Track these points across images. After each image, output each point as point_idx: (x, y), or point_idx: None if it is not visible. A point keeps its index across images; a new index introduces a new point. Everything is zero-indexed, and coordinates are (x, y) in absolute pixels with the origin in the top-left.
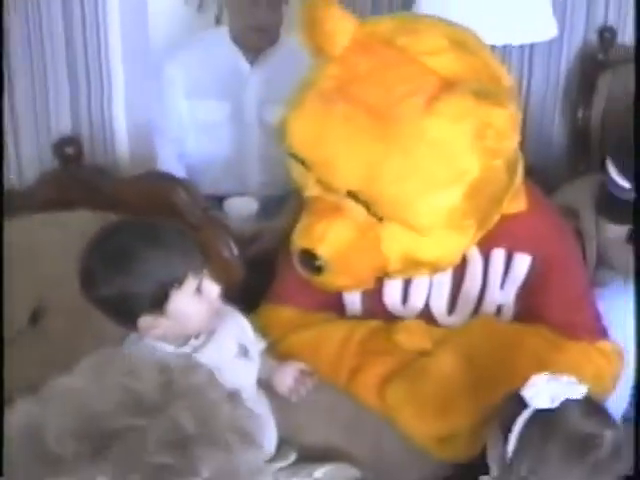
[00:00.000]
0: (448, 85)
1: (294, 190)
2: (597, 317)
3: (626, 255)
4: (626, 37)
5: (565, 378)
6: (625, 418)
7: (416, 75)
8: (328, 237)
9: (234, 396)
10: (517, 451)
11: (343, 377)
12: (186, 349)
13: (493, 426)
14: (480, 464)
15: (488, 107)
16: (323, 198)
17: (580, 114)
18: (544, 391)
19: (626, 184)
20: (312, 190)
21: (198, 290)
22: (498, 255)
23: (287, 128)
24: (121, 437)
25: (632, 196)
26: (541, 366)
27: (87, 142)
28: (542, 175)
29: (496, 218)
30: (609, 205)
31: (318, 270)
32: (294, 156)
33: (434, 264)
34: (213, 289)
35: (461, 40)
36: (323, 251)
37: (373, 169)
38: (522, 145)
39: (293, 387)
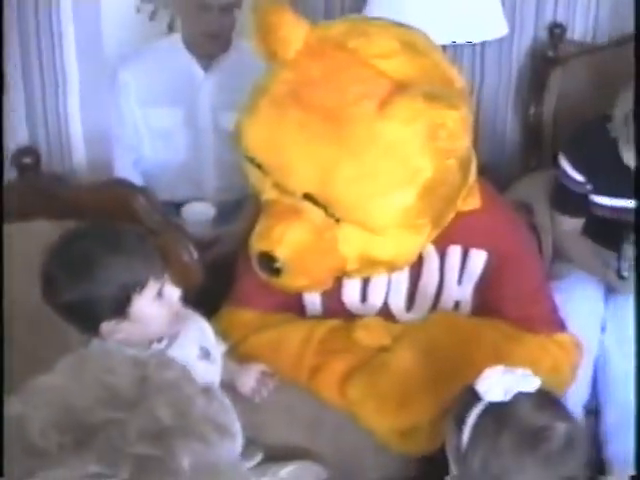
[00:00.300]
0: (400, 88)
1: (250, 194)
2: (554, 310)
3: (582, 247)
4: (575, 33)
5: (519, 371)
6: (587, 409)
7: (368, 78)
8: (286, 239)
9: (208, 391)
10: (471, 443)
11: (304, 376)
12: None
13: (449, 418)
14: (444, 460)
15: (439, 109)
16: (280, 201)
17: (532, 111)
18: (497, 384)
19: (580, 177)
20: (269, 193)
21: (159, 294)
22: (454, 252)
23: (242, 133)
24: (102, 430)
25: (586, 189)
26: (499, 359)
27: (44, 151)
28: (495, 172)
29: (451, 216)
30: (563, 198)
31: (277, 272)
32: (251, 160)
33: (391, 263)
34: (174, 293)
35: (412, 42)
36: (281, 253)
37: (327, 172)
38: (475, 143)
39: (255, 388)
